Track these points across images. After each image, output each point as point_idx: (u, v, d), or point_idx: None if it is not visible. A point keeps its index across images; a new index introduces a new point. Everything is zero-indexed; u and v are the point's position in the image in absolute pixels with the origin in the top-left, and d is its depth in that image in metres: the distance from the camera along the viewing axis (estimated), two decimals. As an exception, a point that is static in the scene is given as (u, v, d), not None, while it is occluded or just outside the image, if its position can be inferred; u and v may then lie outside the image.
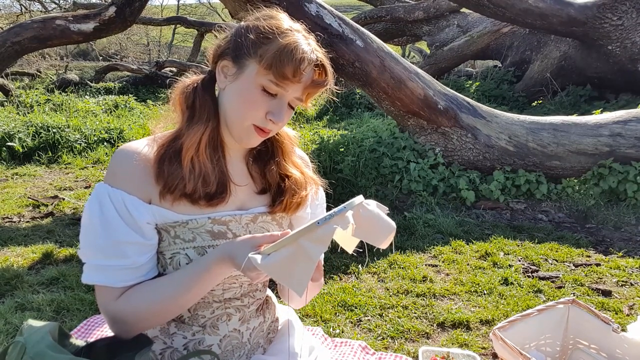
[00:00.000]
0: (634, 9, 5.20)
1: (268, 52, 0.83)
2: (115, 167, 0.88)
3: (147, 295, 0.87)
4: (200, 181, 0.88)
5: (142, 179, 0.88)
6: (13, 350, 0.77)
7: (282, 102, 0.87)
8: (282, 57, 0.82)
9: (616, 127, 3.53)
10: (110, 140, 5.39)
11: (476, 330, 1.94)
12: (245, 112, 0.87)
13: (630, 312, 2.06)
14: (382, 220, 0.84)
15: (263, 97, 0.86)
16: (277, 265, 0.74)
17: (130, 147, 0.90)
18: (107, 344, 0.86)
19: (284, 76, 0.83)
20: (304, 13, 3.26)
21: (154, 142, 0.91)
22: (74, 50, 16.03)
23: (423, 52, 12.10)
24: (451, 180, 3.61)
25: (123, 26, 5.21)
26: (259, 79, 0.85)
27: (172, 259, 0.91)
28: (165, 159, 0.88)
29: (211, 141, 0.91)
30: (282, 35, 0.84)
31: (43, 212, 3.36)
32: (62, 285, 2.25)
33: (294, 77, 0.83)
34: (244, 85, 0.86)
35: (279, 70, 0.82)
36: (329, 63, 0.91)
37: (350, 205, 0.78)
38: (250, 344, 1.01)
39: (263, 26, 0.85)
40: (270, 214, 0.99)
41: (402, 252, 2.71)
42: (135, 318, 0.87)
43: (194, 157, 0.88)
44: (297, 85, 0.86)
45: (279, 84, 0.84)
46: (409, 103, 3.60)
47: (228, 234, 0.93)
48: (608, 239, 2.97)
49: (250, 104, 0.87)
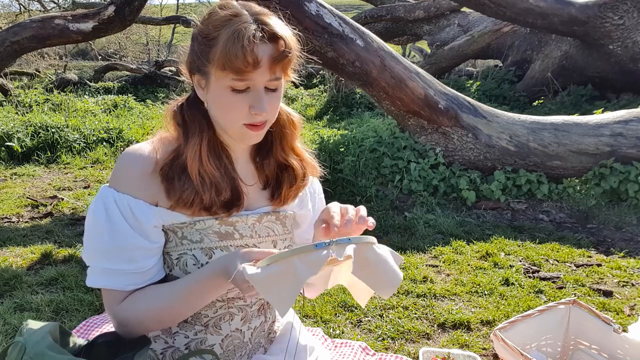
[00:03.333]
0: (635, 9, 5.19)
1: (216, 53, 0.81)
2: (120, 170, 0.88)
3: (148, 302, 0.87)
4: (213, 191, 0.88)
5: (148, 182, 0.87)
6: (13, 350, 0.77)
7: (257, 93, 0.84)
8: (228, 53, 0.79)
9: (617, 127, 3.52)
10: (110, 140, 5.37)
11: (477, 331, 1.93)
12: (229, 117, 0.86)
13: (631, 313, 2.05)
14: (388, 268, 0.80)
15: (236, 96, 0.83)
16: (265, 280, 0.72)
17: (135, 150, 0.89)
18: (107, 343, 0.87)
19: (239, 70, 0.80)
20: (304, 12, 3.25)
21: (159, 144, 0.90)
22: (73, 49, 16.02)
23: (423, 51, 12.09)
24: (452, 180, 3.60)
25: (122, 25, 5.21)
26: (222, 82, 0.83)
27: (179, 259, 0.91)
28: (174, 176, 0.87)
29: (212, 150, 0.90)
30: (223, 30, 0.81)
31: (42, 213, 3.35)
32: (61, 285, 2.24)
33: (249, 66, 0.79)
34: (216, 93, 0.85)
35: (232, 66, 0.79)
36: (286, 27, 0.85)
37: (356, 240, 0.75)
38: (252, 344, 1.01)
39: (206, 27, 0.83)
40: (275, 213, 0.99)
41: (403, 252, 2.70)
42: (136, 321, 0.87)
43: (200, 169, 0.87)
44: (260, 70, 0.81)
45: (241, 79, 0.81)
46: (410, 103, 3.59)
47: (235, 234, 0.93)
48: (609, 239, 2.96)
49: (229, 108, 0.85)
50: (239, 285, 0.80)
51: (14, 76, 9.84)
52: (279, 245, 1.00)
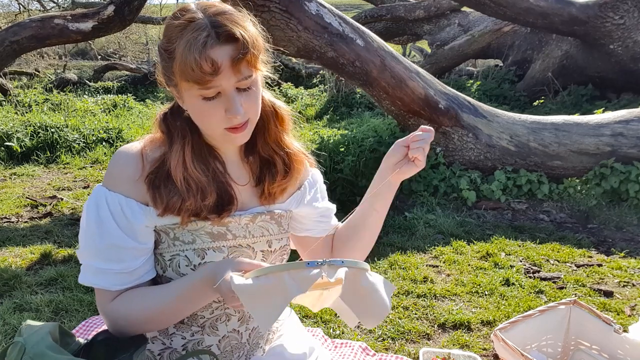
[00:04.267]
0: (635, 8, 5.18)
1: (176, 67, 0.80)
2: (113, 169, 0.88)
3: (138, 303, 0.87)
4: (199, 196, 0.87)
5: (139, 183, 0.87)
6: (12, 350, 0.77)
7: (228, 96, 0.81)
8: (185, 65, 0.77)
9: (618, 127, 3.52)
10: (109, 140, 5.37)
11: (477, 331, 1.93)
12: (208, 125, 0.86)
13: (632, 313, 2.05)
14: (378, 298, 0.77)
15: (208, 104, 0.82)
16: (252, 292, 0.70)
17: (128, 149, 0.89)
18: (106, 343, 0.87)
19: (201, 80, 0.78)
20: (304, 12, 3.24)
21: (149, 146, 0.90)
22: (72, 49, 15.99)
23: (424, 51, 12.08)
24: (452, 180, 3.59)
25: (122, 25, 5.20)
26: (191, 92, 0.81)
27: (171, 260, 0.90)
28: (160, 184, 0.86)
29: (197, 155, 0.89)
30: (178, 41, 0.79)
31: (41, 213, 3.34)
32: (60, 285, 2.23)
33: (208, 74, 0.77)
34: (189, 103, 0.84)
35: (192, 78, 0.78)
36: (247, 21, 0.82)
37: (349, 263, 0.73)
38: (250, 345, 1.01)
39: (165, 41, 0.82)
40: (269, 213, 0.98)
41: (403, 252, 2.70)
42: (126, 322, 0.88)
43: (185, 175, 0.86)
44: (222, 74, 0.78)
45: (206, 87, 0.79)
46: (410, 102, 3.58)
47: (228, 235, 0.92)
48: (610, 240, 2.96)
49: (205, 116, 0.84)
50: (223, 294, 0.79)
51: (13, 76, 9.83)
52: (273, 245, 0.99)
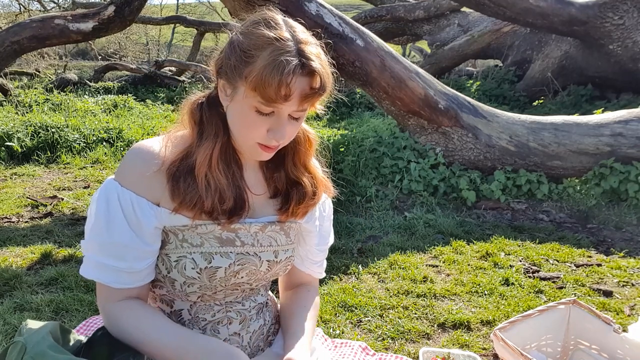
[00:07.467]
0: (635, 9, 5.19)
1: (251, 73, 0.78)
2: (127, 165, 0.87)
3: (141, 326, 0.86)
4: (217, 197, 0.87)
5: (153, 181, 0.86)
6: (13, 350, 0.77)
7: (280, 119, 0.83)
8: (264, 79, 0.77)
9: (617, 127, 3.52)
10: (110, 140, 5.36)
11: (477, 331, 1.93)
12: (246, 134, 0.85)
13: (631, 313, 2.05)
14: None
15: (259, 117, 0.82)
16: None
17: (144, 146, 0.88)
18: (106, 342, 0.86)
19: (269, 98, 0.78)
20: (303, 12, 3.25)
21: (170, 143, 0.89)
22: (72, 49, 16.01)
23: (424, 51, 12.09)
24: (452, 180, 3.60)
25: (122, 25, 5.21)
26: (249, 100, 0.81)
27: (177, 262, 0.90)
28: (180, 177, 0.86)
29: (223, 156, 0.89)
30: (263, 52, 0.78)
31: (42, 212, 3.35)
32: (61, 285, 2.24)
33: (281, 99, 0.78)
34: (239, 107, 0.83)
35: (264, 93, 0.78)
36: (327, 63, 0.84)
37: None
38: (251, 348, 1.01)
39: (247, 42, 0.81)
40: (279, 223, 0.98)
41: (403, 252, 2.70)
42: (119, 332, 0.87)
43: (207, 173, 0.86)
44: (290, 102, 0.80)
45: (269, 105, 0.80)
46: (410, 102, 3.59)
47: (236, 241, 0.92)
48: (609, 239, 2.96)
49: (248, 126, 0.84)
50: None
51: (13, 76, 9.84)
52: (280, 255, 0.98)
